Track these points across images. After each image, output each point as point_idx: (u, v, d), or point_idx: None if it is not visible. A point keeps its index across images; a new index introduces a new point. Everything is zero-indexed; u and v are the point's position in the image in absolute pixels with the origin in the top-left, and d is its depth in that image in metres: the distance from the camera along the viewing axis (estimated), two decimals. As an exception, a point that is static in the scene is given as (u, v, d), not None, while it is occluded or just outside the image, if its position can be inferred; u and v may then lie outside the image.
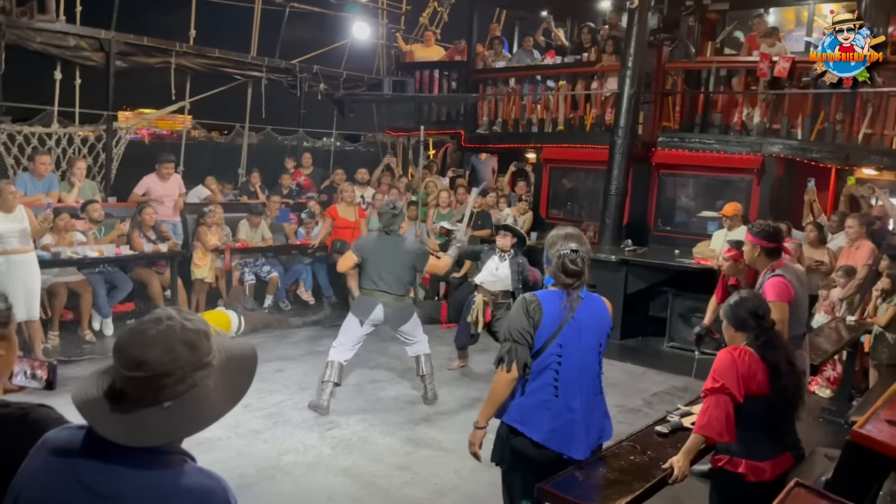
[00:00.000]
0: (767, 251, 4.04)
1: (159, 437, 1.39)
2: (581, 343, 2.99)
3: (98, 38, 8.58)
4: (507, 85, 10.79)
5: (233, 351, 1.52)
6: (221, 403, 1.46)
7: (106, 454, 1.38)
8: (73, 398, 1.41)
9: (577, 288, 3.01)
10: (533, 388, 3.00)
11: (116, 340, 1.42)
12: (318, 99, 11.23)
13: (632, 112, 8.45)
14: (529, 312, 2.95)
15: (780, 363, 3.09)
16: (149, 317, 1.43)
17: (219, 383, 1.45)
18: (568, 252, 2.98)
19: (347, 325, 5.72)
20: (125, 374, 1.37)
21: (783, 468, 3.13)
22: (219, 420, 1.46)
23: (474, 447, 3.15)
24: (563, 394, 2.96)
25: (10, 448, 1.60)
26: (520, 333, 2.94)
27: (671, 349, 7.93)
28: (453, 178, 10.76)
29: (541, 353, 2.96)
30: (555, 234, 3.12)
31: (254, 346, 1.59)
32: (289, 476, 4.49)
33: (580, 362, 3.00)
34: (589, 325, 3.03)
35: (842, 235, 7.36)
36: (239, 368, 1.51)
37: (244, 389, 1.52)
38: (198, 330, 1.43)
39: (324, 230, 8.99)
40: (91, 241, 7.32)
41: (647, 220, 9.26)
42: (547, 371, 2.97)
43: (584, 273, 3.02)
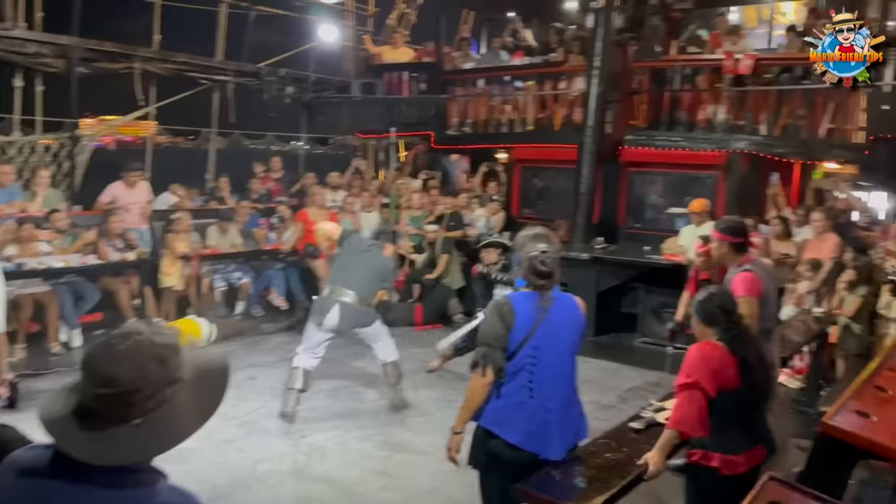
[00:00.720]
0: (735, 246, 4.09)
1: (130, 455, 1.36)
2: (555, 343, 3.00)
3: (59, 45, 8.41)
4: (477, 86, 10.82)
5: (204, 364, 1.50)
6: (193, 419, 1.43)
7: (75, 474, 1.34)
8: (39, 416, 1.37)
9: (548, 288, 3.02)
10: (508, 390, 2.99)
11: (84, 356, 1.38)
12: (286, 102, 11.14)
13: (600, 111, 8.52)
14: (503, 316, 2.95)
15: (749, 357, 3.14)
16: (117, 331, 1.40)
17: (190, 398, 1.42)
18: (537, 254, 2.99)
19: (307, 328, 5.67)
20: (93, 391, 1.34)
21: (756, 461, 3.17)
22: (190, 436, 1.43)
23: (452, 452, 3.15)
24: (538, 395, 2.97)
25: None
26: (494, 337, 2.94)
27: (644, 344, 8.01)
28: (426, 181, 10.74)
29: (515, 355, 2.96)
30: (523, 235, 3.13)
31: (226, 359, 1.56)
32: (264, 485, 4.44)
33: (555, 363, 3.01)
34: (563, 325, 3.04)
35: (807, 228, 7.49)
36: (211, 382, 1.49)
37: (216, 404, 1.49)
38: (168, 344, 1.40)
39: (295, 234, 8.91)
40: (56, 251, 7.18)
41: (617, 217, 9.35)
42: (522, 373, 2.97)
43: (555, 273, 3.03)
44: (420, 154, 12.45)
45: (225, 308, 8.51)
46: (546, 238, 3.07)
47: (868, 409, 2.22)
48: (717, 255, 4.23)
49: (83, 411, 1.35)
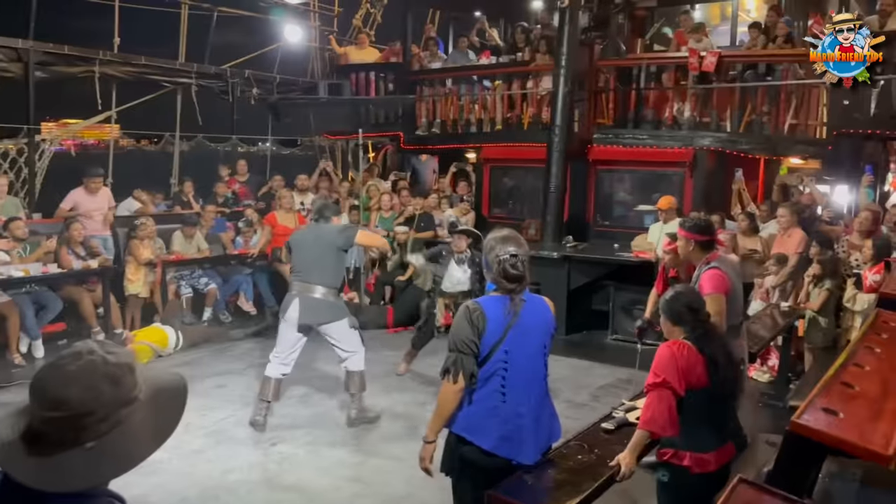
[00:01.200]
0: (701, 244, 4.12)
1: (82, 480, 1.30)
2: (527, 347, 2.96)
3: (15, 48, 8.18)
4: (444, 86, 10.80)
5: (161, 383, 1.44)
6: (149, 441, 1.38)
7: (25, 501, 1.28)
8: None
9: (519, 292, 2.98)
10: (480, 396, 2.95)
11: (33, 378, 1.32)
12: (251, 104, 10.99)
13: (567, 110, 8.55)
14: (473, 321, 2.89)
15: (717, 355, 3.15)
16: (68, 351, 1.34)
17: (146, 419, 1.37)
18: (507, 257, 2.94)
19: (279, 330, 5.45)
20: (43, 414, 1.27)
21: (726, 458, 3.19)
22: (146, 458, 1.38)
23: (425, 462, 3.08)
24: (510, 399, 2.93)
25: None
26: (464, 343, 2.89)
27: (615, 341, 8.05)
28: (395, 181, 10.69)
29: (487, 360, 2.91)
30: (492, 238, 3.06)
31: (183, 377, 1.51)
32: (234, 495, 4.36)
33: (527, 366, 2.97)
34: (533, 328, 3.00)
35: (773, 224, 7.59)
36: (167, 402, 1.43)
37: (174, 424, 1.43)
38: (121, 364, 1.34)
39: (263, 238, 8.80)
40: (16, 260, 6.99)
41: (587, 215, 9.39)
42: (494, 378, 2.93)
43: (526, 276, 2.99)
44: (389, 154, 12.40)
45: (192, 315, 8.35)
46: (516, 240, 3.01)
47: (835, 406, 2.23)
48: (683, 254, 4.25)
49: (32, 435, 1.29)
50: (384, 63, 11.83)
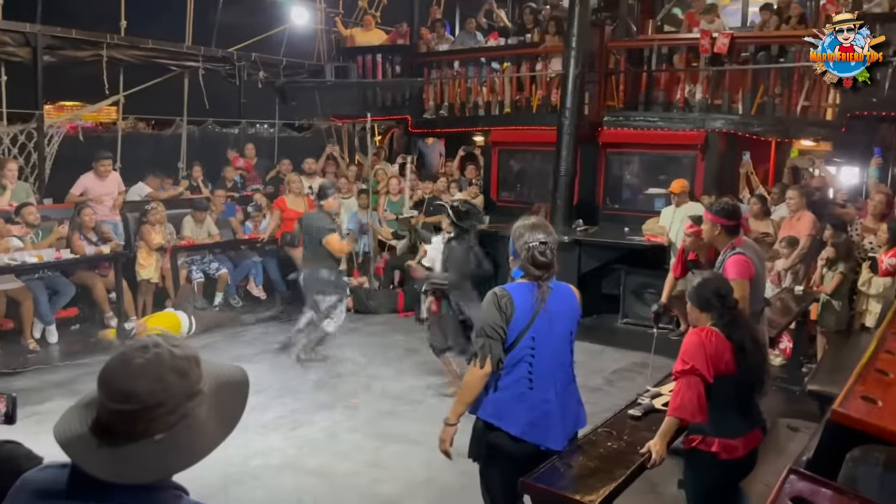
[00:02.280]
0: (727, 229, 4.11)
1: (151, 472, 1.30)
2: (553, 334, 2.98)
3: (23, 33, 8.11)
4: (452, 68, 10.71)
5: (224, 376, 1.44)
6: (215, 433, 1.38)
7: (93, 494, 1.28)
8: (56, 435, 1.31)
9: (547, 279, 2.98)
10: (507, 382, 2.96)
11: (101, 371, 1.31)
12: (258, 87, 10.92)
13: (577, 92, 8.47)
14: (501, 307, 2.90)
15: (745, 342, 3.16)
16: (134, 344, 1.33)
17: (210, 412, 1.37)
18: (536, 244, 2.94)
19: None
20: (112, 407, 1.27)
21: (754, 444, 3.21)
22: (211, 452, 1.38)
23: (445, 445, 3.09)
24: (538, 386, 2.95)
25: None
26: (492, 328, 2.90)
27: (626, 325, 8.07)
28: (402, 165, 10.65)
29: (514, 346, 2.93)
30: (521, 225, 3.06)
31: (244, 370, 1.51)
32: (257, 480, 4.39)
33: (553, 353, 2.99)
34: (560, 315, 3.01)
35: (783, 206, 7.57)
36: (230, 394, 1.43)
37: (238, 417, 1.44)
38: (187, 356, 1.34)
39: (272, 223, 8.79)
40: (29, 246, 6.99)
41: (597, 199, 9.36)
42: (521, 364, 2.94)
43: (553, 264, 2.99)
44: (396, 138, 12.33)
45: (203, 300, 8.37)
46: (544, 228, 3.02)
47: (873, 393, 2.24)
48: (708, 238, 4.24)
49: (101, 428, 1.29)
50: (391, 45, 11.74)
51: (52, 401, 5.42)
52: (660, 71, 9.12)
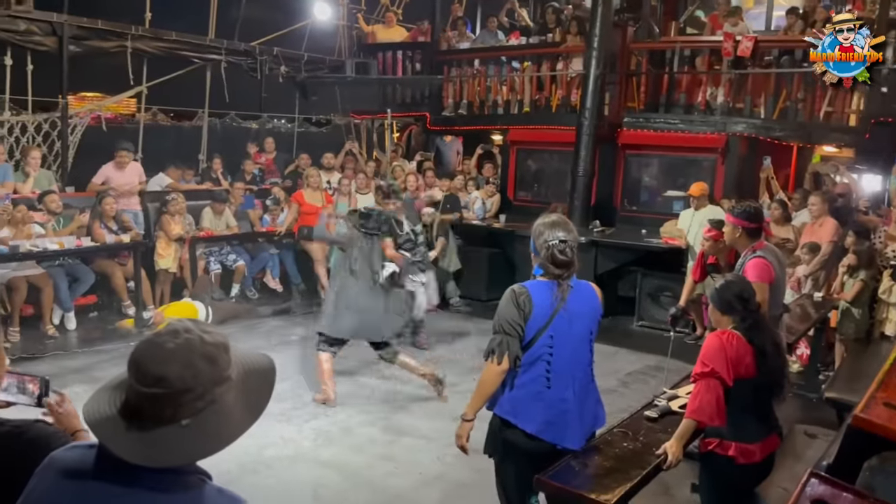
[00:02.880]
0: (749, 232, 4.08)
1: (178, 456, 1.32)
2: (573, 333, 2.94)
3: (50, 22, 8.21)
4: (472, 66, 10.71)
5: (251, 364, 1.45)
6: (241, 420, 1.39)
7: (120, 476, 1.30)
8: (85, 416, 1.33)
9: (567, 278, 2.95)
10: (524, 381, 2.94)
11: (132, 354, 1.33)
12: (279, 82, 10.97)
13: (598, 93, 8.46)
14: (519, 304, 2.88)
15: (766, 345, 3.13)
16: (165, 329, 1.35)
17: (238, 399, 1.38)
18: (556, 242, 2.91)
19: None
20: (142, 390, 1.29)
21: (771, 449, 3.19)
22: (237, 438, 1.39)
23: (461, 440, 3.08)
24: (555, 385, 2.92)
25: (9, 467, 1.52)
26: (510, 325, 2.88)
27: (641, 328, 8.03)
28: (420, 162, 10.66)
29: (532, 344, 2.90)
30: (541, 223, 3.04)
31: (271, 359, 1.52)
32: (271, 470, 4.42)
33: (572, 352, 2.96)
34: (580, 314, 2.98)
35: (805, 212, 7.51)
36: (257, 382, 1.45)
37: (264, 404, 1.45)
38: (217, 343, 1.36)
39: (290, 217, 8.84)
40: (50, 234, 7.07)
41: (615, 200, 9.33)
42: (538, 363, 2.92)
43: (574, 263, 2.97)
44: (414, 135, 12.35)
45: (220, 291, 8.43)
46: (565, 226, 2.98)
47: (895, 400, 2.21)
48: (729, 240, 4.22)
49: (130, 411, 1.31)
50: (411, 42, 11.76)
51: (70, 386, 5.47)
52: (681, 73, 9.06)
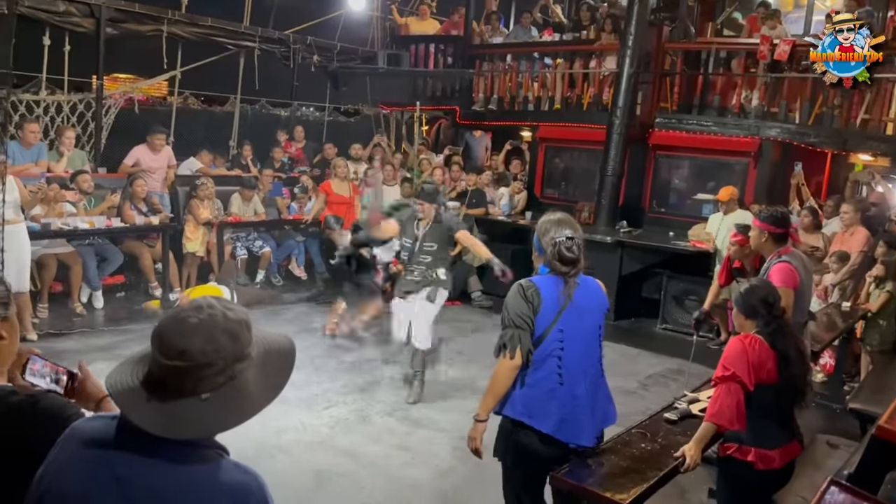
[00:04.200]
0: (775, 237, 4.03)
1: (196, 429, 1.34)
2: (582, 328, 2.92)
3: (88, 4, 8.33)
4: (504, 61, 10.67)
5: (272, 344, 1.47)
6: (259, 397, 1.41)
7: (141, 446, 1.32)
8: (108, 386, 1.35)
9: (573, 276, 2.92)
10: (536, 378, 2.90)
11: (156, 328, 1.36)
12: (311, 71, 11.02)
13: (630, 92, 8.38)
14: (528, 297, 2.85)
15: (789, 351, 3.09)
16: (189, 305, 1.38)
17: (257, 376, 1.40)
18: (563, 239, 2.89)
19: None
20: (164, 363, 1.31)
21: (791, 456, 3.14)
22: (255, 415, 1.41)
23: (475, 442, 3.02)
24: (567, 381, 2.88)
25: (22, 437, 1.56)
26: (521, 318, 2.84)
27: (664, 331, 7.96)
28: (449, 156, 10.65)
29: (542, 340, 2.87)
30: (546, 220, 3.02)
31: (292, 340, 1.54)
32: (288, 455, 4.46)
33: (583, 347, 2.93)
34: (588, 309, 2.96)
35: (836, 221, 7.38)
36: (277, 362, 1.46)
37: (282, 384, 1.46)
38: (239, 320, 1.38)
39: (317, 206, 8.89)
40: (81, 213, 7.20)
41: (643, 201, 9.24)
42: (550, 359, 2.88)
43: (581, 260, 2.93)
44: (443, 129, 12.34)
45: (245, 276, 8.52)
46: (570, 224, 2.97)
47: (921, 412, 2.17)
48: (756, 245, 4.16)
49: (152, 383, 1.33)
50: (444, 35, 11.73)
51: (95, 364, 5.48)
52: (717, 75, 8.95)
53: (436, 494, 4.14)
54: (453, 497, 4.10)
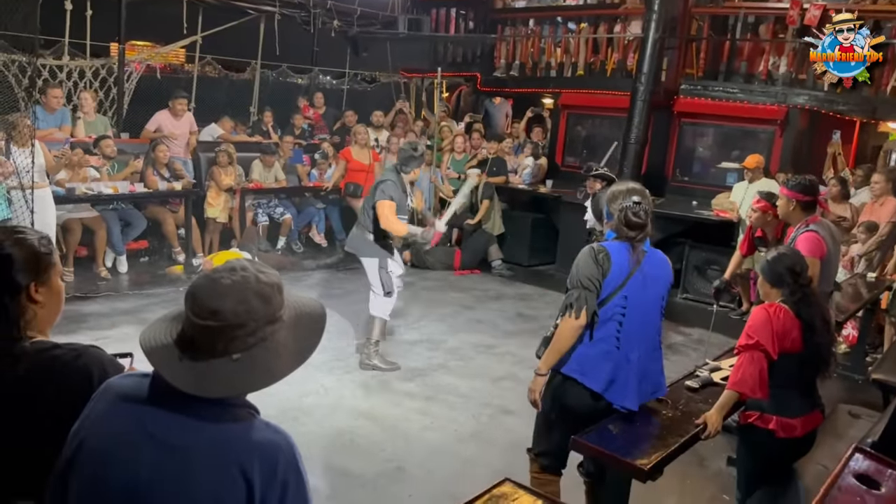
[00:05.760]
0: (803, 205, 3.98)
1: (227, 388, 1.36)
2: (646, 296, 2.96)
3: (108, -32, 8.32)
4: (527, 26, 10.51)
5: (303, 308, 1.49)
6: (289, 360, 1.43)
7: (174, 404, 1.35)
8: (142, 342, 1.38)
9: (640, 241, 2.96)
10: (595, 339, 2.96)
11: (189, 288, 1.38)
12: (331, 36, 10.93)
13: (655, 58, 8.20)
14: (599, 261, 2.90)
15: (814, 320, 3.07)
16: (223, 266, 1.40)
17: (288, 339, 1.42)
18: (630, 204, 2.93)
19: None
20: (197, 322, 1.33)
21: (813, 425, 3.13)
22: (284, 377, 1.43)
23: (535, 394, 3.10)
24: (624, 346, 2.94)
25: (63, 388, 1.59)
26: (589, 280, 2.89)
27: (684, 300, 7.90)
28: (470, 124, 10.57)
29: (605, 303, 2.92)
30: (616, 189, 3.06)
31: (323, 305, 1.55)
32: (311, 417, 4.53)
33: (643, 315, 2.97)
34: (654, 279, 3.00)
35: (865, 190, 7.26)
36: (308, 326, 1.48)
37: (312, 348, 1.48)
38: (272, 283, 1.40)
39: (337, 172, 8.90)
40: (105, 178, 7.26)
41: (666, 170, 9.13)
42: (610, 322, 2.93)
43: (648, 225, 2.97)
44: (463, 95, 12.23)
45: (267, 242, 8.57)
46: (641, 192, 3.01)
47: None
48: (783, 213, 4.11)
49: (185, 341, 1.35)
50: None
51: (119, 327, 5.65)
52: (744, 40, 8.75)
53: (454, 458, 4.19)
54: (472, 461, 4.14)
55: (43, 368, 1.62)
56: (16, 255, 1.64)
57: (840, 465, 1.67)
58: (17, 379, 1.60)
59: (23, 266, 1.64)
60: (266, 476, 1.34)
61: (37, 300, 1.67)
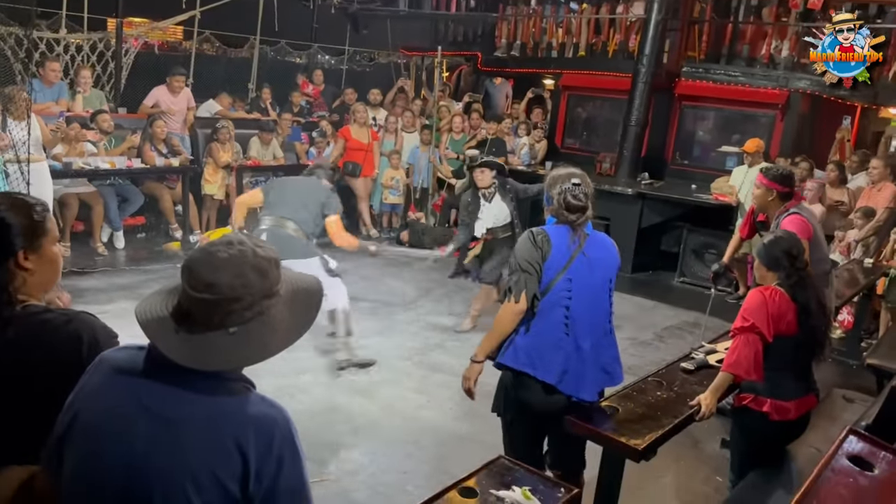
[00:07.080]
0: (782, 196, 4.01)
1: (222, 361, 1.35)
2: (591, 279, 2.86)
3: (106, -60, 8.22)
4: (528, 5, 10.43)
5: (299, 283, 1.48)
6: (285, 334, 1.42)
7: (169, 377, 1.35)
8: (138, 314, 1.37)
9: (581, 224, 2.87)
10: (542, 327, 2.85)
11: (186, 261, 1.37)
12: (331, 13, 10.84)
13: (657, 39, 8.18)
14: (537, 243, 2.82)
15: (810, 303, 3.07)
16: (220, 240, 1.38)
17: (284, 314, 1.41)
18: (570, 186, 2.84)
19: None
20: (193, 295, 1.33)
21: (807, 408, 3.15)
22: (280, 351, 1.42)
23: (469, 382, 3.02)
24: (573, 332, 2.83)
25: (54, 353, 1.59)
26: (528, 262, 2.80)
27: (682, 284, 7.93)
28: (469, 104, 10.51)
29: (550, 288, 2.82)
30: (555, 174, 2.99)
31: (319, 281, 1.55)
32: (307, 395, 4.54)
33: (591, 299, 2.87)
34: (599, 261, 2.89)
35: (862, 175, 7.25)
36: (304, 301, 1.47)
37: (309, 323, 1.48)
38: (269, 258, 1.39)
39: (336, 151, 8.85)
40: (102, 153, 7.22)
41: (666, 153, 9.12)
42: (557, 308, 2.83)
43: (588, 208, 2.88)
44: (464, 76, 12.16)
45: (264, 220, 8.53)
46: (580, 175, 2.92)
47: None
48: (761, 203, 4.14)
49: (181, 314, 1.35)
50: (468, -23, 11.49)
51: (116, 302, 5.67)
52: (747, 23, 8.70)
53: (450, 436, 4.21)
54: (467, 439, 4.16)
55: (33, 332, 1.62)
56: (10, 219, 1.63)
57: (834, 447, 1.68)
58: (7, 342, 1.60)
59: (17, 231, 1.63)
60: (261, 450, 1.34)
61: (26, 267, 1.66)
